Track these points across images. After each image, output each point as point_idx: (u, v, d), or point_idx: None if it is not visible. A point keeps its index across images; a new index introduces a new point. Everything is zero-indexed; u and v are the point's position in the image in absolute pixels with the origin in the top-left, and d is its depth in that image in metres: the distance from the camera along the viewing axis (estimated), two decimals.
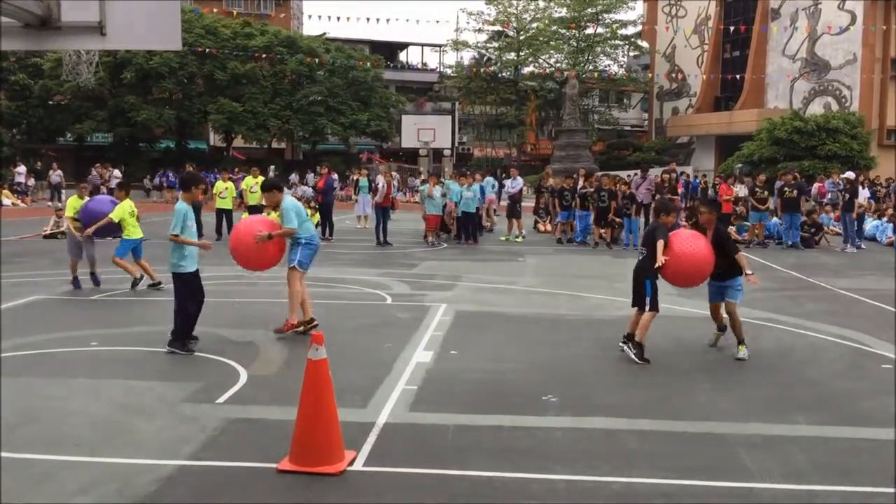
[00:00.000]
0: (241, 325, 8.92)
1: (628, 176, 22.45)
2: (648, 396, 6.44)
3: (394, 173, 33.51)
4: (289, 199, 8.52)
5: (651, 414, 5.99)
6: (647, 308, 7.58)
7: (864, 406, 6.34)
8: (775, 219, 19.97)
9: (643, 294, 7.64)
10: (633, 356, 7.50)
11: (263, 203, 10.28)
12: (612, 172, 25.04)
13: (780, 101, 46.99)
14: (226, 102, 44.41)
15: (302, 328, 8.47)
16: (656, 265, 7.42)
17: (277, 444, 5.10)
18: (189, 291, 7.76)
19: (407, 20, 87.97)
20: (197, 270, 7.88)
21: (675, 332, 8.76)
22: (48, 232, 18.87)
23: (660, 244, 7.50)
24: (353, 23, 64.91)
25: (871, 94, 43.26)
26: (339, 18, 56.64)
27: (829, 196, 23.24)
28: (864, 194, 22.22)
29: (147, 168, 44.49)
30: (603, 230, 18.65)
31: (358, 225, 22.96)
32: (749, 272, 7.56)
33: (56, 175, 33.52)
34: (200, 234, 18.40)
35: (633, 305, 7.82)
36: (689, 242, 7.60)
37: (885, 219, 21.25)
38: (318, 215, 20.32)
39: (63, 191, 33.08)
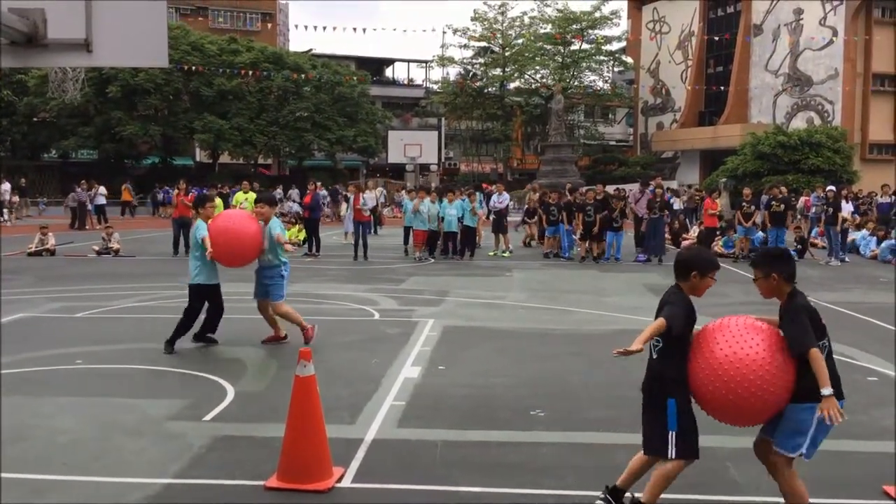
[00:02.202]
0: (228, 342, 8.88)
1: (617, 189, 22.49)
2: (637, 411, 6.40)
3: (380, 189, 33.55)
4: (277, 220, 9.09)
5: (640, 428, 5.98)
6: (672, 454, 4.13)
7: (852, 418, 6.34)
8: (760, 233, 20.08)
9: (663, 423, 4.17)
10: None
11: None
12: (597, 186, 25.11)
13: (764, 115, 47.45)
14: (212, 119, 44.34)
15: (272, 341, 8.86)
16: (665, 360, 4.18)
17: (265, 461, 5.07)
18: (199, 301, 8.57)
19: (394, 28, 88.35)
20: (213, 284, 8.64)
21: None
22: (33, 249, 18.76)
23: (652, 330, 4.06)
24: (340, 33, 65.29)
25: (852, 109, 43.79)
26: (325, 28, 56.88)
27: (814, 210, 23.40)
28: (847, 208, 22.39)
29: (133, 185, 44.26)
30: (588, 243, 18.67)
31: (344, 241, 22.92)
32: (826, 391, 3.83)
33: (2, 190, 32.56)
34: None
35: (644, 448, 4.35)
36: (740, 340, 3.98)
37: (867, 232, 21.41)
38: (304, 232, 20.29)
39: (6, 209, 32.58)
